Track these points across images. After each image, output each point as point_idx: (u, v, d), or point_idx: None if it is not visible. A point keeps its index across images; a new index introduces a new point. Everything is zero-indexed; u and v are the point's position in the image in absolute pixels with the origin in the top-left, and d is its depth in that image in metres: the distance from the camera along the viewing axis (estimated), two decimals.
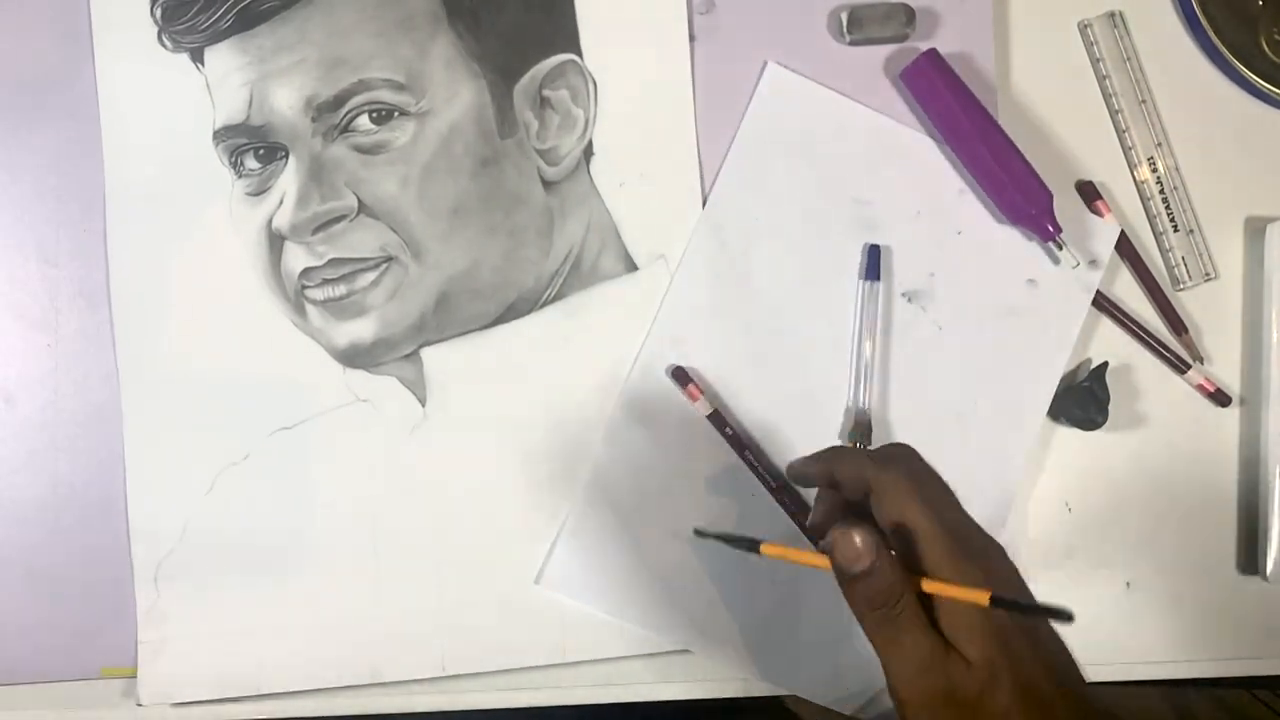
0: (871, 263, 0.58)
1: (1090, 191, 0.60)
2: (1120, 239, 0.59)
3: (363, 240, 0.57)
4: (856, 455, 0.44)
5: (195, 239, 0.58)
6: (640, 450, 0.58)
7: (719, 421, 0.57)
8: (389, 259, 0.57)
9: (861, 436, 0.57)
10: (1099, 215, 0.60)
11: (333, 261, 0.57)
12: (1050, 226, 0.57)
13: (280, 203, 0.57)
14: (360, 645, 0.57)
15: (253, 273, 0.58)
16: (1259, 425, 0.60)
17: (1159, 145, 0.61)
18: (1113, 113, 0.61)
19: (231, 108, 0.57)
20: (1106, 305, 0.60)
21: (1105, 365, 0.59)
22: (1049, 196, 0.57)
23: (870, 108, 0.59)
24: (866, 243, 0.58)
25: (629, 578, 0.57)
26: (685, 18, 0.59)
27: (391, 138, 0.57)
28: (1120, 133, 0.61)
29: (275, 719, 0.57)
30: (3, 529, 0.57)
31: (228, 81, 0.57)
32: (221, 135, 0.57)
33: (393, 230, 0.57)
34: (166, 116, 0.58)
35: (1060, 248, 0.58)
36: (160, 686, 0.56)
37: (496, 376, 0.58)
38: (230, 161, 0.58)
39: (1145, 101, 0.61)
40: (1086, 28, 0.61)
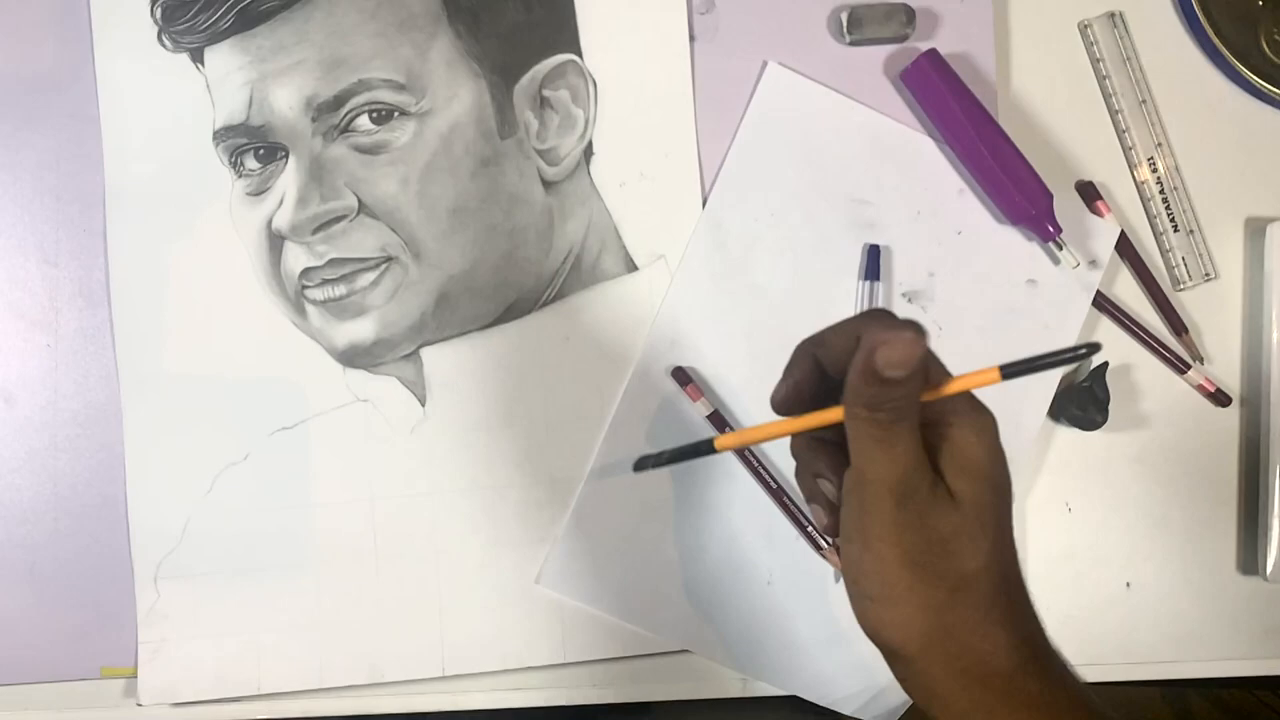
0: (872, 263, 0.58)
1: (1090, 192, 0.60)
2: (1120, 239, 0.59)
3: (363, 240, 0.57)
4: (836, 326, 0.38)
5: (195, 239, 0.58)
6: (640, 450, 0.57)
7: (719, 421, 0.57)
8: (389, 259, 0.57)
9: None
10: (1099, 215, 0.60)
11: (333, 261, 0.57)
12: (1050, 227, 0.57)
13: (280, 203, 0.57)
14: (360, 645, 0.57)
15: (253, 273, 0.58)
16: (1259, 425, 0.60)
17: (1159, 145, 0.61)
18: (1113, 113, 0.61)
19: (231, 108, 0.57)
20: (1106, 305, 0.60)
21: (1105, 365, 0.59)
22: (1049, 197, 0.57)
23: (870, 108, 0.59)
24: (866, 243, 0.58)
25: (629, 578, 0.57)
26: (685, 18, 0.59)
27: (391, 138, 0.57)
28: (1120, 133, 0.61)
29: (275, 719, 0.57)
30: (3, 529, 0.57)
31: (228, 82, 0.57)
32: (221, 135, 0.57)
33: (393, 230, 0.57)
34: (166, 116, 0.58)
35: (1060, 248, 0.58)
36: (160, 686, 0.56)
37: (496, 376, 0.58)
38: (230, 161, 0.58)
39: (1145, 101, 0.61)
40: (1086, 28, 0.61)
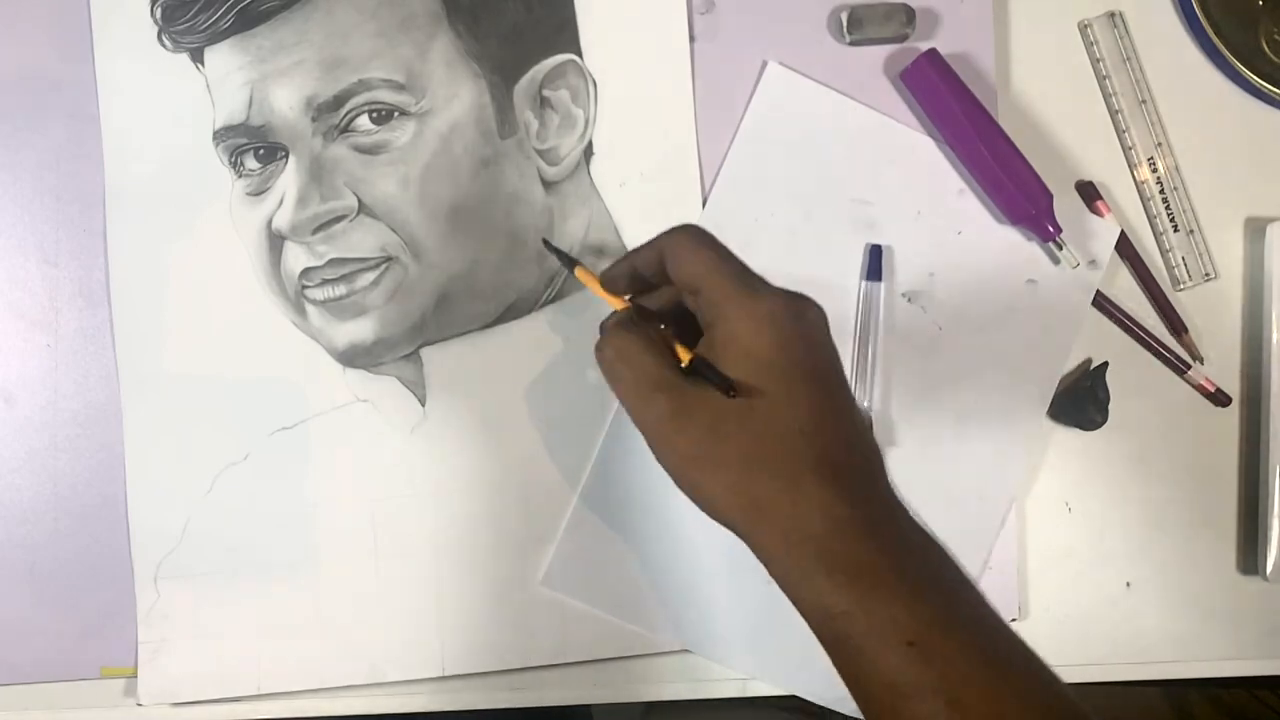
0: (874, 263, 0.58)
1: (1090, 191, 0.60)
2: (1120, 239, 0.59)
3: (363, 240, 0.57)
4: (649, 242, 0.44)
5: (195, 239, 0.58)
6: (640, 450, 0.57)
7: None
8: (389, 259, 0.57)
9: None
10: (1099, 215, 0.60)
11: (333, 261, 0.57)
12: (1050, 227, 0.57)
13: (280, 203, 0.57)
14: (360, 645, 0.57)
15: (253, 273, 0.58)
16: (1259, 425, 0.60)
17: (1159, 145, 0.61)
18: (1113, 113, 0.61)
19: (231, 108, 0.57)
20: (1106, 305, 0.60)
21: (1105, 365, 0.59)
22: (1049, 197, 0.57)
23: (870, 108, 0.59)
24: (868, 243, 0.58)
25: (629, 578, 0.57)
26: (685, 18, 0.59)
27: (391, 138, 0.57)
28: (1120, 133, 0.61)
29: (275, 719, 0.57)
30: (3, 529, 0.57)
31: (228, 81, 0.57)
32: (221, 135, 0.57)
33: (393, 230, 0.57)
34: (166, 116, 0.58)
35: (1060, 248, 0.58)
36: (160, 686, 0.56)
37: (496, 376, 0.58)
38: (230, 161, 0.58)
39: (1145, 101, 0.61)
40: (1086, 28, 0.61)
